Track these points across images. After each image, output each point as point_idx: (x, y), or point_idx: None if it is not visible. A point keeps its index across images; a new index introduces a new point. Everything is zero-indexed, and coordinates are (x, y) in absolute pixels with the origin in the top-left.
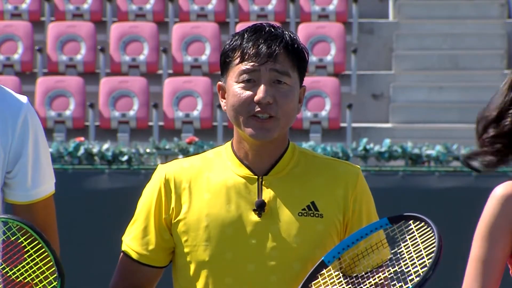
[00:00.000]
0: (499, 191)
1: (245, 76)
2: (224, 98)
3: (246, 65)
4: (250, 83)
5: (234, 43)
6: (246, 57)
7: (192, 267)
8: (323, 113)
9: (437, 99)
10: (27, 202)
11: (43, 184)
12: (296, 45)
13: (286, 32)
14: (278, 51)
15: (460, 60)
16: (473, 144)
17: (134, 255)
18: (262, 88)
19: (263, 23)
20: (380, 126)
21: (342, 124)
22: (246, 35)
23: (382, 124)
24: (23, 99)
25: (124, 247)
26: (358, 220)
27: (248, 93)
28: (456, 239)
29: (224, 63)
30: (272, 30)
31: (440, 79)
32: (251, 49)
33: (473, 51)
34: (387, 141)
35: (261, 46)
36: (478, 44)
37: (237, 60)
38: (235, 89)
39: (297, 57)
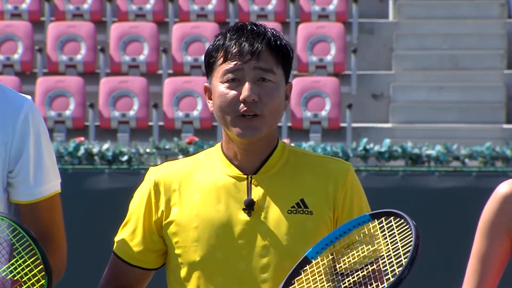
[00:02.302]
0: (501, 190)
1: (229, 76)
2: (211, 99)
3: (230, 65)
4: (235, 82)
5: (217, 43)
6: (229, 56)
7: (184, 268)
8: (323, 113)
9: (437, 99)
10: (30, 201)
11: (46, 183)
12: (279, 42)
13: (269, 30)
14: (260, 49)
15: (460, 60)
16: (473, 144)
17: (123, 256)
18: (246, 86)
19: (245, 22)
20: (380, 126)
21: (342, 124)
22: (228, 35)
23: (382, 124)
24: (26, 98)
25: (115, 248)
26: (349, 217)
27: (233, 92)
28: (456, 239)
29: (208, 64)
30: (254, 28)
31: (440, 79)
32: (234, 48)
33: (473, 51)
34: (387, 141)
35: (243, 44)
36: (478, 44)
37: (221, 60)
38: (220, 89)
39: (281, 53)
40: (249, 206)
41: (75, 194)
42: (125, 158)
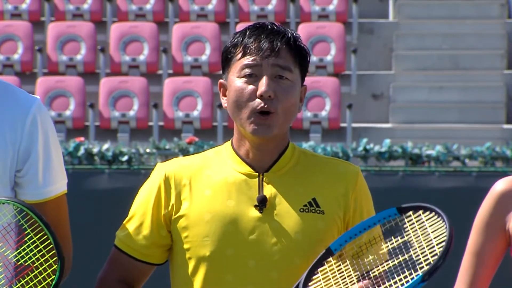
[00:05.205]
0: (497, 187)
1: (247, 71)
2: (225, 96)
3: (248, 60)
4: (252, 77)
5: (236, 39)
6: (248, 51)
7: (192, 263)
8: (323, 113)
9: (437, 99)
10: (37, 201)
11: (54, 183)
12: (298, 42)
13: (288, 30)
14: (280, 46)
15: (460, 60)
16: (473, 144)
17: (128, 251)
18: (264, 81)
19: (265, 22)
20: (380, 126)
21: (342, 124)
22: (248, 32)
23: (382, 124)
24: (35, 98)
25: (117, 242)
26: (360, 219)
27: (250, 87)
28: (456, 239)
29: (226, 59)
30: (274, 27)
31: (440, 79)
32: (253, 43)
33: (473, 51)
34: (387, 141)
35: (263, 41)
36: (478, 44)
37: (239, 55)
38: (237, 83)
39: (299, 53)
40: (262, 203)
41: (75, 194)
42: (125, 158)
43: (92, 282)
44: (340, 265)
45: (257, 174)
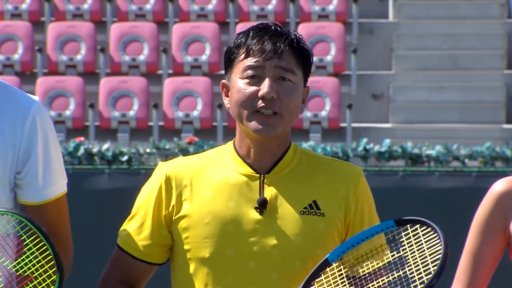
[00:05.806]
0: (496, 187)
1: (249, 72)
2: (228, 96)
3: (251, 61)
4: (255, 79)
5: (239, 40)
6: (251, 53)
7: (192, 264)
8: (323, 113)
9: (437, 99)
10: (38, 202)
11: (54, 184)
12: (301, 44)
13: (292, 31)
14: (283, 48)
15: (460, 60)
16: (473, 144)
17: (130, 250)
18: (266, 83)
19: (268, 22)
20: (380, 126)
21: (342, 124)
22: (251, 33)
23: (382, 124)
24: (34, 99)
25: (119, 241)
26: (360, 221)
27: (253, 88)
28: (456, 239)
29: (229, 60)
30: (278, 28)
31: (440, 79)
32: (256, 45)
33: (473, 51)
34: (387, 141)
35: (266, 42)
36: (478, 44)
37: (242, 56)
38: (239, 84)
39: (302, 55)
40: (262, 205)
41: (75, 194)
42: (125, 158)
43: (93, 282)
44: (336, 277)
45: (258, 175)
